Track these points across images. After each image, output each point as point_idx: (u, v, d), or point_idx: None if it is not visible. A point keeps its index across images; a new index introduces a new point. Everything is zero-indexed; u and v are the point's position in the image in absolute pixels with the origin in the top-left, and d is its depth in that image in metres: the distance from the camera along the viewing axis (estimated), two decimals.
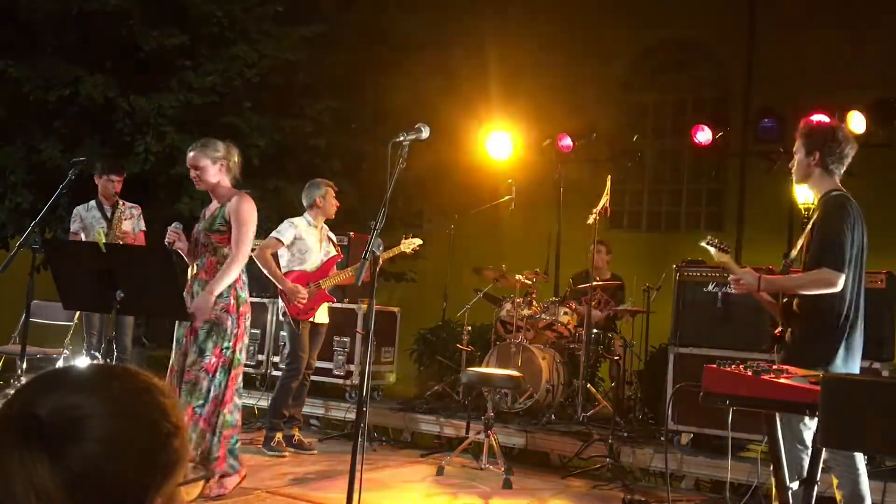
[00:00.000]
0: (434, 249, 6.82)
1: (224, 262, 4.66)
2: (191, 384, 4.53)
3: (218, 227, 4.68)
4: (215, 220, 4.70)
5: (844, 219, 3.74)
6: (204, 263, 4.69)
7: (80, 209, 6.79)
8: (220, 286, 4.56)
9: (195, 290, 4.66)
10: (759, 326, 5.84)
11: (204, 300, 4.48)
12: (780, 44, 11.11)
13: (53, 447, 0.94)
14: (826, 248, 3.72)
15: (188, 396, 4.52)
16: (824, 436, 2.60)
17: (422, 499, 5.22)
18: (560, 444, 6.42)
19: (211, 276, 4.64)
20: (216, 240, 4.69)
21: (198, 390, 4.53)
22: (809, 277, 3.76)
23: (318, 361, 6.64)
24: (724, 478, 5.51)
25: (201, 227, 4.76)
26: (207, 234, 4.71)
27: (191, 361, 4.55)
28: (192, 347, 4.58)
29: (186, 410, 4.50)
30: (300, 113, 10.56)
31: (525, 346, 6.98)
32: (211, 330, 4.56)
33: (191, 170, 4.75)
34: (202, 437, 4.62)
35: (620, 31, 12.57)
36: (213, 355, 4.55)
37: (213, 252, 4.69)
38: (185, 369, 4.55)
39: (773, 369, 2.93)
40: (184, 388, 4.53)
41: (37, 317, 6.80)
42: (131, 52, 9.69)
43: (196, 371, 4.54)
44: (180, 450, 1.03)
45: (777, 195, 9.28)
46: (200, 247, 4.73)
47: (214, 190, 4.79)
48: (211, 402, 4.57)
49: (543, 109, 11.25)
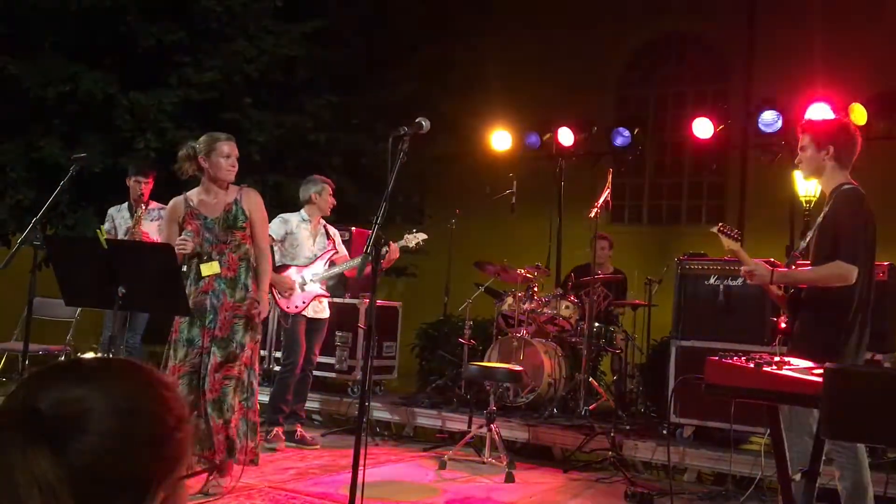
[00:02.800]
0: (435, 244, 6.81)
1: (244, 257, 4.74)
2: (234, 380, 4.60)
3: (241, 224, 4.73)
4: (237, 217, 4.71)
5: (858, 212, 3.74)
6: (226, 261, 4.70)
7: (112, 210, 6.88)
8: (267, 284, 4.85)
9: (220, 288, 4.67)
10: (761, 319, 5.84)
11: (265, 301, 4.77)
12: (781, 36, 11.08)
13: (55, 441, 0.94)
14: (840, 241, 3.71)
15: (234, 393, 4.59)
16: (826, 427, 2.60)
17: (424, 493, 5.22)
18: (562, 438, 6.42)
19: (235, 274, 4.69)
20: (240, 237, 4.73)
21: (241, 384, 4.65)
22: (824, 271, 3.75)
23: (321, 356, 6.65)
24: (726, 470, 5.52)
25: (217, 224, 4.71)
26: (231, 231, 4.70)
27: (229, 358, 4.60)
28: (227, 345, 4.61)
29: (236, 407, 4.59)
30: (300, 108, 10.55)
31: (527, 340, 6.99)
32: (246, 325, 4.67)
33: (229, 157, 4.73)
34: (254, 430, 4.75)
35: (621, 24, 12.55)
36: (248, 349, 4.69)
37: (236, 249, 4.72)
38: (227, 367, 4.59)
39: (775, 361, 2.93)
40: (228, 385, 4.58)
41: (39, 313, 6.79)
42: (130, 48, 9.68)
43: (238, 367, 4.63)
44: (183, 443, 1.03)
45: (778, 188, 9.27)
46: (218, 244, 4.70)
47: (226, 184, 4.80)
48: (255, 394, 4.75)
49: (544, 103, 11.24)
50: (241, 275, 4.72)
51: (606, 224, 10.50)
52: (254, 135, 9.83)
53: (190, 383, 4.60)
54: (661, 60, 12.95)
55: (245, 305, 4.68)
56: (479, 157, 10.37)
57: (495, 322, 7.63)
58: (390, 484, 5.34)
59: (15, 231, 9.86)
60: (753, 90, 11.05)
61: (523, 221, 9.14)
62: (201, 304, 4.65)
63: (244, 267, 4.74)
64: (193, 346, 4.63)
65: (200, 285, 4.65)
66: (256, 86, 10.17)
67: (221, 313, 4.64)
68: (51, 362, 1.04)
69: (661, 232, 12.40)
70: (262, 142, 9.91)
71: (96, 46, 9.81)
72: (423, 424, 7.13)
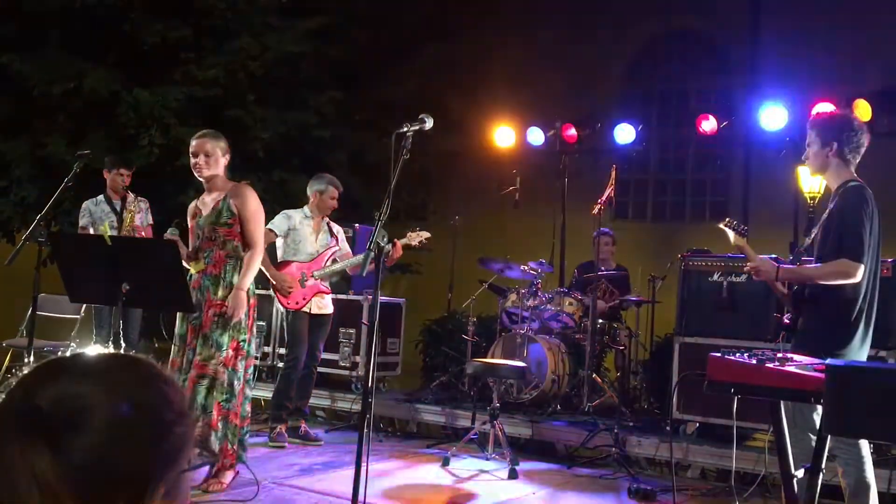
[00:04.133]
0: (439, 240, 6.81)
1: (232, 254, 4.68)
2: (210, 379, 4.54)
3: (225, 220, 4.68)
4: (221, 213, 4.69)
5: (864, 209, 3.73)
6: (211, 258, 4.68)
7: (88, 203, 6.78)
8: (248, 281, 4.66)
9: (204, 285, 4.66)
10: (764, 316, 5.83)
11: (238, 298, 4.58)
12: (785, 32, 11.05)
13: (55, 439, 0.93)
14: (846, 238, 3.70)
15: (209, 393, 4.53)
16: (830, 423, 2.60)
17: (428, 489, 5.23)
18: (566, 434, 6.42)
19: (220, 271, 4.65)
20: (224, 233, 4.69)
21: (220, 385, 4.56)
22: (829, 268, 3.74)
23: (325, 353, 6.65)
24: (729, 467, 5.51)
25: (204, 222, 4.73)
26: (214, 228, 4.69)
27: (205, 357, 4.56)
28: (206, 342, 4.58)
29: (214, 406, 4.52)
30: (304, 105, 10.55)
31: (530, 337, 6.99)
32: (226, 324, 4.59)
33: (197, 155, 4.69)
34: (234, 433, 4.66)
35: (625, 20, 12.51)
36: (229, 348, 4.59)
37: (222, 245, 4.69)
38: (201, 365, 4.54)
39: (777, 357, 2.93)
40: (202, 383, 4.52)
41: (43, 310, 6.80)
42: (135, 45, 9.69)
43: (214, 366, 4.55)
44: (184, 436, 1.03)
45: (782, 184, 9.25)
46: (205, 241, 4.71)
47: (213, 180, 4.76)
48: (238, 395, 4.63)
49: (548, 100, 11.22)
50: (227, 272, 4.67)
51: (609, 220, 10.49)
52: (258, 131, 9.84)
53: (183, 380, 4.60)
54: (664, 56, 12.92)
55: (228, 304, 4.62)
56: (483, 153, 10.36)
57: (499, 318, 7.63)
58: (394, 480, 5.35)
59: (19, 228, 9.88)
60: (757, 86, 11.01)
61: (527, 218, 9.15)
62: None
63: (231, 265, 4.68)
64: (183, 341, 4.67)
65: (190, 283, 4.65)
66: (261, 82, 10.18)
67: (206, 310, 4.63)
68: (49, 358, 1.04)
69: (665, 228, 12.38)
70: (266, 138, 9.91)
71: (101, 44, 9.83)
72: (426, 421, 7.14)
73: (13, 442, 0.92)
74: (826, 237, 3.84)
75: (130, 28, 9.53)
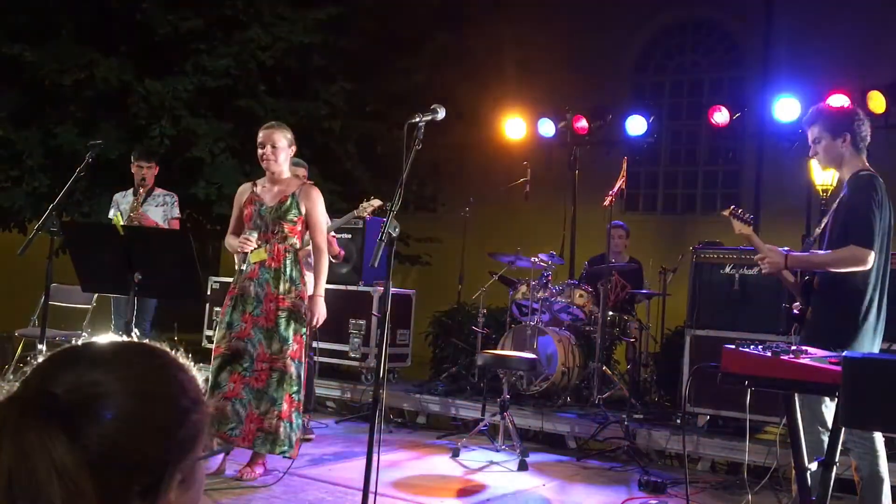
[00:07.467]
0: (449, 232, 6.79)
1: (290, 249, 4.74)
2: (280, 373, 4.62)
3: (293, 217, 4.73)
4: (289, 209, 4.72)
5: (873, 197, 3.71)
6: (272, 251, 4.71)
7: (118, 196, 6.84)
8: (322, 286, 4.79)
9: (263, 277, 4.69)
10: (776, 308, 5.80)
11: (318, 304, 4.74)
12: (798, 23, 10.98)
13: (72, 425, 0.93)
14: (855, 225, 3.68)
15: (279, 386, 4.61)
16: (845, 416, 2.59)
17: (437, 480, 5.24)
18: (576, 427, 6.42)
19: (279, 265, 4.69)
20: (288, 229, 4.73)
21: (289, 377, 4.64)
22: (838, 255, 3.72)
23: (335, 344, 6.64)
24: (741, 460, 5.48)
25: (269, 213, 4.73)
26: (280, 223, 4.71)
27: (274, 350, 4.63)
28: (270, 336, 4.63)
29: (284, 399, 4.60)
30: (314, 95, 10.54)
31: (540, 329, 6.98)
32: (290, 318, 4.67)
33: (264, 146, 4.74)
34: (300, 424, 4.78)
35: (637, 11, 12.46)
36: (294, 342, 4.68)
37: (283, 240, 4.73)
38: (272, 358, 4.62)
39: (792, 350, 2.91)
40: (273, 377, 4.61)
41: (56, 300, 6.83)
42: (146, 35, 9.70)
43: (283, 360, 4.63)
44: (199, 424, 1.03)
45: (794, 176, 9.19)
46: (267, 233, 4.73)
47: (280, 174, 4.79)
48: (304, 387, 4.76)
49: (559, 91, 11.18)
50: (287, 267, 4.72)
51: (620, 213, 10.46)
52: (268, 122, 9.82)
53: (224, 365, 4.63)
54: (676, 47, 12.85)
55: (290, 299, 4.69)
56: (494, 144, 10.33)
57: (509, 310, 7.62)
58: (403, 471, 5.36)
59: (31, 218, 9.91)
60: (770, 77, 10.94)
61: (537, 210, 9.12)
62: (245, 290, 4.70)
63: (290, 259, 4.74)
64: (233, 329, 4.68)
65: (246, 271, 4.67)
66: (271, 73, 10.17)
67: (266, 303, 4.68)
68: (64, 346, 1.04)
69: (676, 220, 12.34)
70: None
71: (112, 34, 9.83)
72: (436, 412, 7.15)
73: (32, 429, 0.92)
74: (836, 225, 3.82)
75: (142, 18, 9.53)
